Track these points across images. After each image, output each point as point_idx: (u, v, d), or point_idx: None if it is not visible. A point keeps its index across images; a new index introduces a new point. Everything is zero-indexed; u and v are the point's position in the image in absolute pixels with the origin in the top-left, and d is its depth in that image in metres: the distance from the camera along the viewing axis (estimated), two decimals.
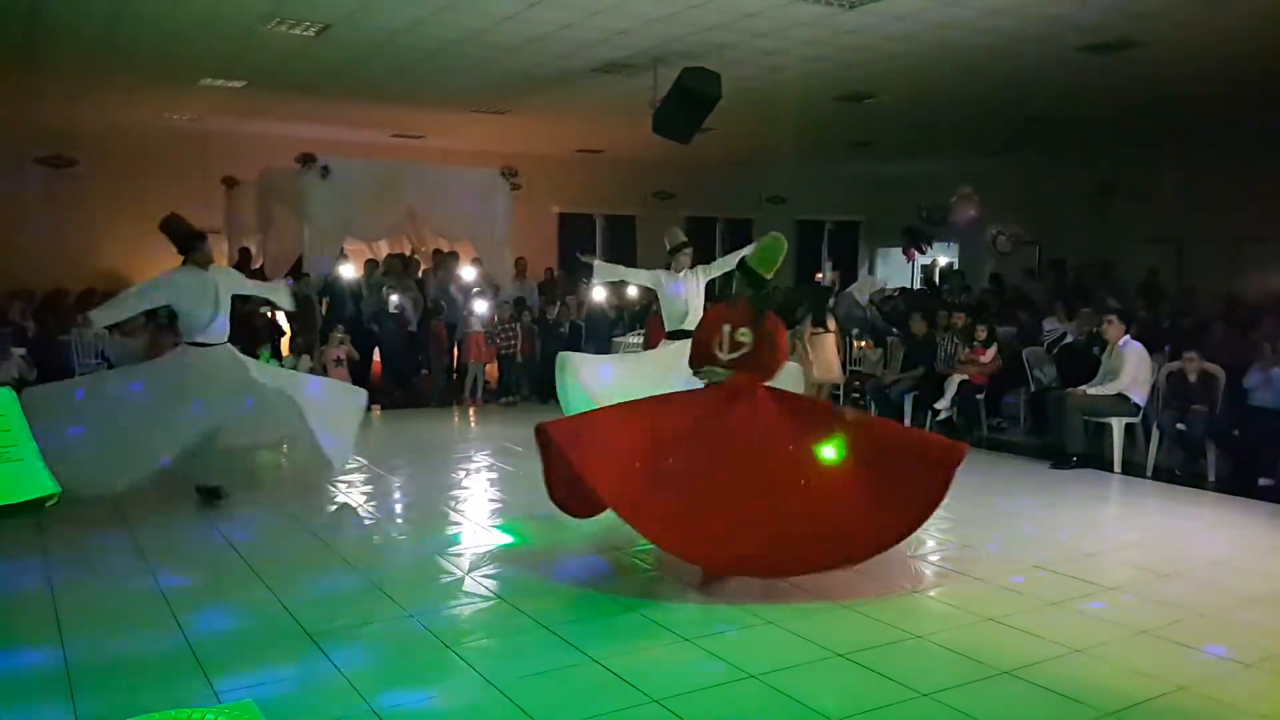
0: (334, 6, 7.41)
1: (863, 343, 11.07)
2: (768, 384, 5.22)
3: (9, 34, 8.18)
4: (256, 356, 8.19)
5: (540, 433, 4.85)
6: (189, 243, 6.58)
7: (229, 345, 6.58)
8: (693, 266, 7.96)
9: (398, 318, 11.43)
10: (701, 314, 8.11)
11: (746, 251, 8.47)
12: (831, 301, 11.75)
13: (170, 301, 6.66)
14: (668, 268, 8.09)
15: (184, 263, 6.58)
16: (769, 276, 5.37)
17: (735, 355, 5.16)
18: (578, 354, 8.31)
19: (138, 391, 6.39)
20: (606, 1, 7.22)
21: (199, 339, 6.43)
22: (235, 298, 6.83)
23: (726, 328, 5.21)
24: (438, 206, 12.37)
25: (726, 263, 8.19)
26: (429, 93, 10.56)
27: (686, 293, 7.98)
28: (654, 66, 8.96)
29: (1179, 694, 3.69)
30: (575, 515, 5.29)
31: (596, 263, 8.41)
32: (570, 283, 13.46)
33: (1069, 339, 9.43)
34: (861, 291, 12.90)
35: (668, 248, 8.19)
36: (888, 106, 11.12)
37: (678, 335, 7.99)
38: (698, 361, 5.32)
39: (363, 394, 7.23)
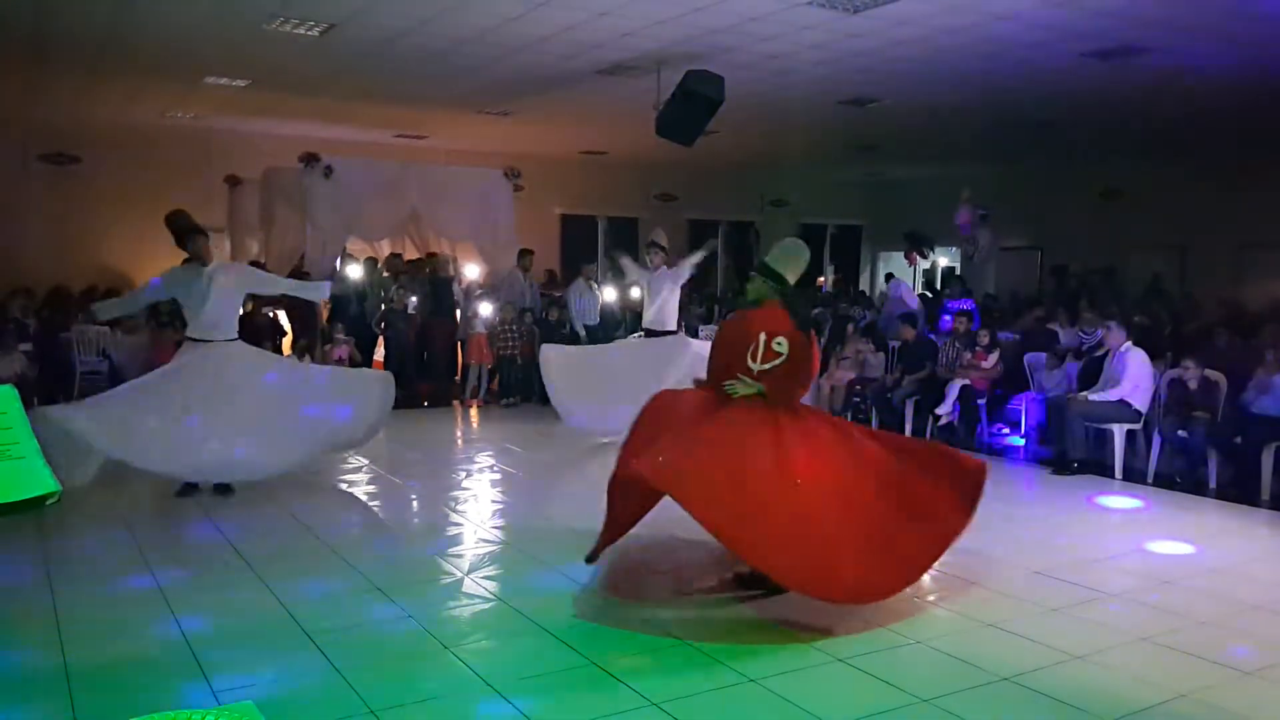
0: (338, 6, 7.42)
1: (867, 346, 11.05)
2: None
3: (14, 31, 8.19)
4: None
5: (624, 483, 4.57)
6: (183, 238, 6.64)
7: (236, 342, 6.63)
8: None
9: (409, 318, 11.43)
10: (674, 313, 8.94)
11: (700, 255, 9.12)
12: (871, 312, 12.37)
13: (169, 296, 6.93)
14: (645, 265, 8.78)
15: (186, 258, 6.61)
16: (792, 281, 4.84)
17: (769, 366, 4.68)
18: (554, 347, 9.17)
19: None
20: (611, 3, 7.22)
21: (194, 335, 6.54)
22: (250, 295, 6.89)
23: (763, 335, 4.70)
24: (441, 207, 12.37)
25: (691, 264, 8.81)
26: (433, 93, 10.56)
27: (665, 292, 8.72)
28: (658, 69, 8.97)
29: (1179, 701, 3.68)
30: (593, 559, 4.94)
31: (623, 259, 9.50)
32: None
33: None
34: (910, 292, 13.14)
35: (663, 245, 8.72)
36: (891, 111, 11.12)
37: (653, 333, 8.92)
38: (725, 371, 4.83)
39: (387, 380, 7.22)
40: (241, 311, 7.24)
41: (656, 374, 7.88)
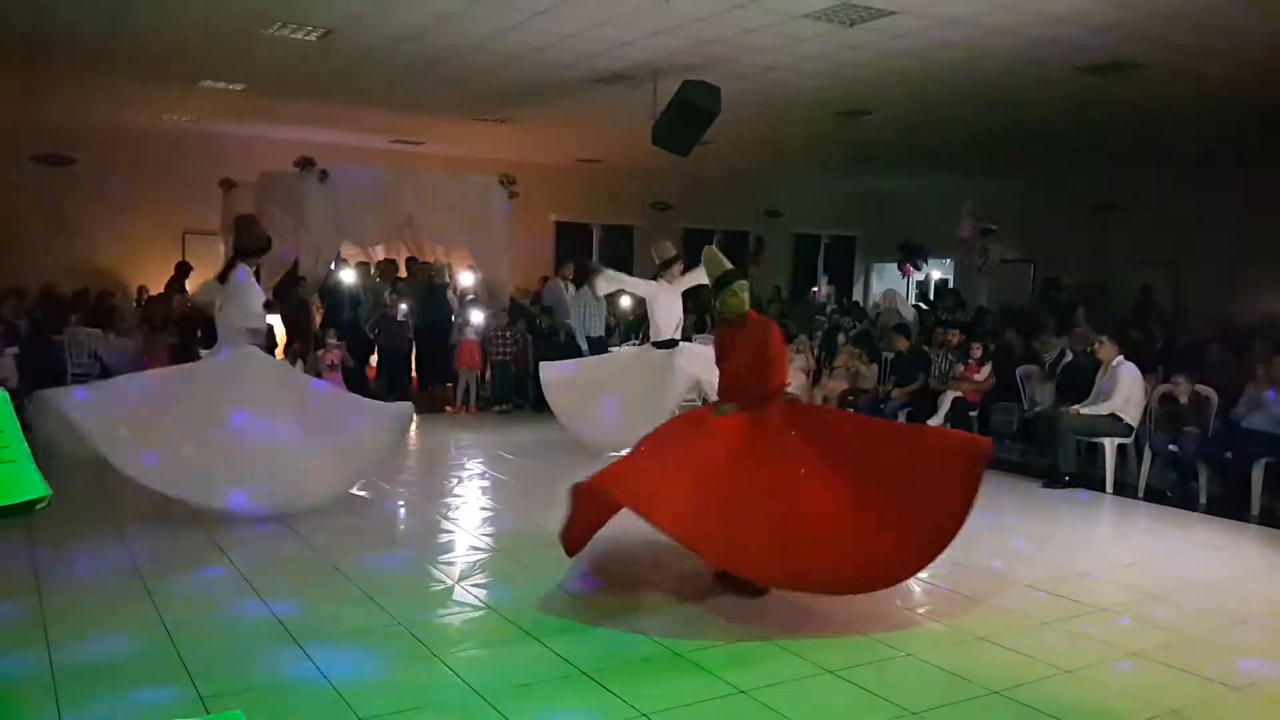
0: (336, 11, 7.42)
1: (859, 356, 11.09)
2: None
3: (11, 32, 8.17)
4: None
5: (588, 493, 4.69)
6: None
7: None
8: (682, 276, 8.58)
9: (401, 324, 11.41)
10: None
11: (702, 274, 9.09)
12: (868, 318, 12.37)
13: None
14: (655, 279, 8.52)
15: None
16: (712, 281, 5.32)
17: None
18: (551, 363, 8.90)
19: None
20: (609, 13, 7.24)
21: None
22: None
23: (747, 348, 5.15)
24: (436, 213, 12.36)
25: (696, 276, 8.77)
26: (430, 100, 10.57)
27: (678, 304, 8.39)
28: (655, 79, 8.99)
29: (1169, 717, 3.69)
30: (572, 553, 5.10)
31: (606, 271, 8.96)
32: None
33: (1069, 358, 9.40)
34: (905, 302, 13.20)
35: (658, 260, 8.54)
36: (886, 123, 11.16)
37: (665, 344, 8.49)
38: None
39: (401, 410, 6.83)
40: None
41: (658, 384, 7.95)
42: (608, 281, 8.86)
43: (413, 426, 6.89)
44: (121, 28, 8.00)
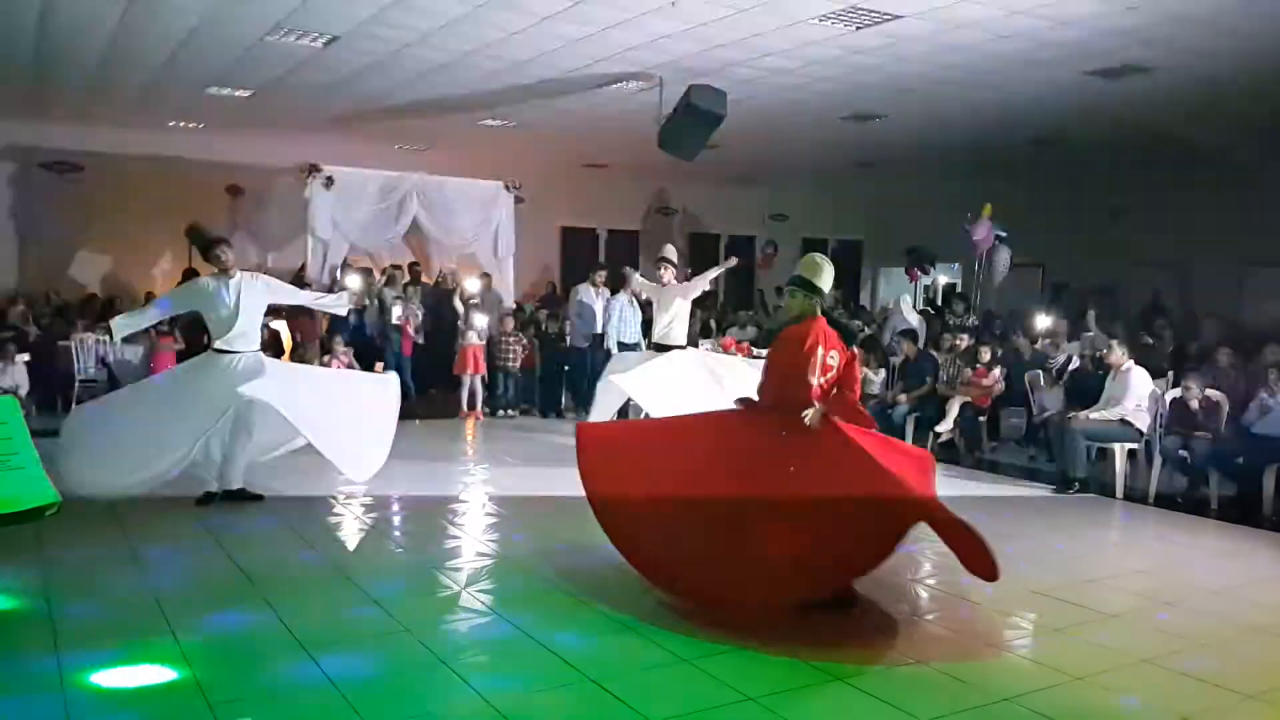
0: (343, 18, 7.44)
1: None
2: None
3: (18, 38, 8.21)
4: None
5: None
6: (206, 250, 6.72)
7: (257, 353, 6.68)
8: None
9: (398, 327, 11.42)
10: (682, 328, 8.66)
11: (717, 271, 9.10)
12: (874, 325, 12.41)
13: (189, 309, 7.13)
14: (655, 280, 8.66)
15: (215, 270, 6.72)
16: (826, 291, 5.01)
17: (824, 379, 4.78)
18: (623, 375, 8.35)
19: (161, 390, 6.78)
20: (615, 18, 7.25)
21: (220, 346, 6.60)
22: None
23: (821, 349, 4.74)
24: (442, 219, 12.39)
25: (703, 280, 8.74)
26: (435, 105, 10.58)
27: (674, 307, 8.36)
28: (661, 83, 8.99)
29: None
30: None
31: (635, 275, 9.55)
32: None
33: (1075, 364, 9.39)
34: (910, 309, 13.19)
35: (673, 260, 8.55)
36: (894, 127, 11.14)
37: (661, 348, 8.60)
38: (781, 390, 4.86)
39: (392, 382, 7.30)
40: None
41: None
42: (637, 285, 9.52)
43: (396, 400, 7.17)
44: (128, 35, 8.02)
